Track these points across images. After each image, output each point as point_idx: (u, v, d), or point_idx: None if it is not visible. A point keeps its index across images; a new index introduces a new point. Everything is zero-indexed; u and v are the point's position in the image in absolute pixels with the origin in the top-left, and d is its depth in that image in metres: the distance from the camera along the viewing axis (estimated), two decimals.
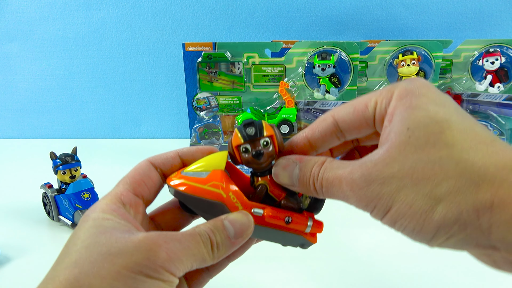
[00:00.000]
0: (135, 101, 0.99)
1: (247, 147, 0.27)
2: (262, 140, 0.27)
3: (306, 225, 0.27)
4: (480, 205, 0.19)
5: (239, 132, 0.27)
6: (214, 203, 0.26)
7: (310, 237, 0.28)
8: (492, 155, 0.20)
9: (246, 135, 0.27)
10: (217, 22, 0.91)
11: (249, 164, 0.28)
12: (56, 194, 0.56)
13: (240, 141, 0.27)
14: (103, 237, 0.22)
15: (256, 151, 0.27)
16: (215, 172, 0.27)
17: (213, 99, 0.72)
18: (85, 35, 0.94)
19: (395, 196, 0.21)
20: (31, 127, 1.03)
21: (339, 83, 0.68)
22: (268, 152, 0.27)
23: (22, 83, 0.99)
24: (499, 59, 0.71)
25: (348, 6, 0.88)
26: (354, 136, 0.27)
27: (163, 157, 0.29)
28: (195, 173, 0.27)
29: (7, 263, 0.48)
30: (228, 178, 0.27)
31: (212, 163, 0.28)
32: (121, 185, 0.27)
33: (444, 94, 0.24)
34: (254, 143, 0.27)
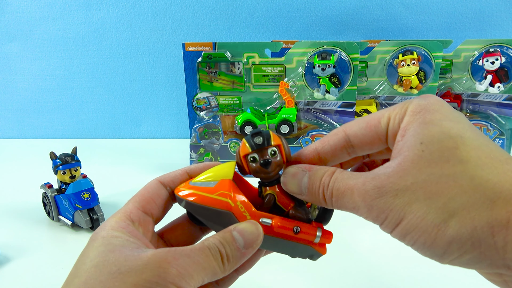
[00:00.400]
0: (135, 101, 0.99)
1: (254, 157, 0.27)
2: (269, 150, 0.27)
3: (315, 235, 0.27)
4: (495, 222, 0.19)
5: (247, 142, 0.27)
6: (222, 212, 0.26)
7: (319, 248, 0.28)
8: (507, 173, 0.20)
9: (254, 144, 0.27)
10: (217, 22, 0.91)
11: (257, 173, 0.28)
12: (56, 194, 0.56)
13: (248, 150, 0.27)
14: (112, 255, 0.22)
15: (264, 160, 0.27)
16: (223, 181, 0.27)
17: (213, 99, 0.72)
18: (85, 35, 0.94)
19: (407, 209, 0.21)
20: (31, 127, 1.03)
21: (339, 83, 0.68)
22: (275, 162, 0.27)
23: (22, 83, 0.99)
24: (499, 59, 0.71)
25: (348, 6, 0.88)
26: (366, 151, 0.26)
27: (172, 175, 0.29)
28: (203, 183, 0.27)
29: (7, 263, 0.48)
30: (236, 188, 0.27)
31: (220, 173, 0.28)
32: (130, 203, 0.27)
33: (457, 111, 0.23)
34: (261, 152, 0.27)
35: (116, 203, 0.64)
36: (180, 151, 0.85)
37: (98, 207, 0.56)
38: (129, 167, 0.80)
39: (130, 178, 0.75)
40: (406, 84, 0.71)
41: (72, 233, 0.55)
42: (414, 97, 0.24)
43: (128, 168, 0.79)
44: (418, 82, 0.71)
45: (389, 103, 0.75)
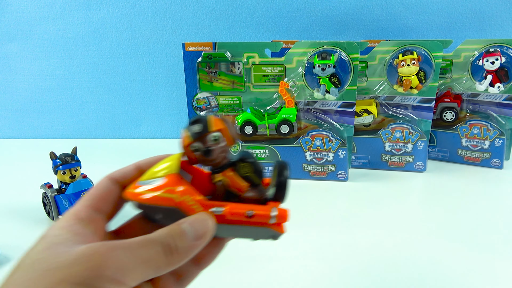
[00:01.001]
0: (135, 101, 0.99)
1: (196, 146, 0.26)
2: (210, 136, 0.26)
3: (269, 216, 0.26)
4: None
5: (187, 131, 0.27)
6: (170, 209, 0.25)
7: (277, 227, 0.27)
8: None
9: (192, 133, 0.26)
10: (217, 22, 0.91)
11: (203, 162, 0.27)
12: (56, 194, 0.56)
13: (189, 140, 0.26)
14: (47, 253, 0.22)
15: (205, 149, 0.26)
16: (169, 176, 0.26)
17: (213, 99, 0.72)
18: (85, 35, 0.94)
19: None
20: (31, 127, 1.03)
21: (339, 83, 0.68)
22: (219, 147, 0.26)
23: (22, 83, 0.99)
24: (499, 59, 0.71)
25: (348, 6, 0.88)
26: None
27: (122, 171, 0.28)
28: (150, 181, 0.26)
29: (7, 263, 0.48)
30: (183, 181, 0.26)
31: (166, 168, 0.27)
32: (79, 203, 0.26)
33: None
34: (203, 140, 0.26)
35: None
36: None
37: None
38: None
39: None
40: (406, 84, 0.71)
41: None
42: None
43: None
44: (418, 82, 0.71)
45: (389, 103, 0.75)
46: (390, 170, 0.77)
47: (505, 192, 0.68)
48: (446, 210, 0.61)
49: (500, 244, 0.51)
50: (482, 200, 0.64)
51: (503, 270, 0.46)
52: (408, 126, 0.73)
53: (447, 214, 0.60)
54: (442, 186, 0.70)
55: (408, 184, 0.72)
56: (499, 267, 0.46)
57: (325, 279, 0.45)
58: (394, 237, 0.53)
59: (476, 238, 0.53)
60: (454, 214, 0.60)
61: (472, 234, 0.54)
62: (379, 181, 0.72)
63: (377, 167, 0.77)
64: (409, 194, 0.69)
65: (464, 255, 0.49)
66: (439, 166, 0.78)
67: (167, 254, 0.23)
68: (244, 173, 0.27)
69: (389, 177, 0.74)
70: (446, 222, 0.57)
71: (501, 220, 0.58)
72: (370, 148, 0.76)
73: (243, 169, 0.27)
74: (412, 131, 0.73)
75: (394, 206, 0.63)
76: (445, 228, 0.56)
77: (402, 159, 0.75)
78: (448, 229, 0.55)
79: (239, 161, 0.27)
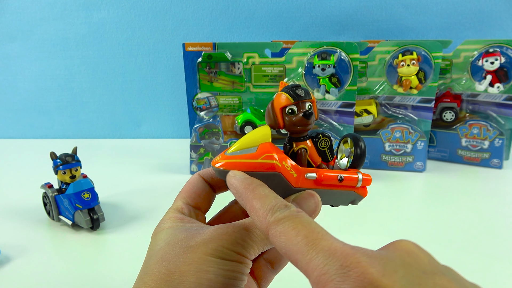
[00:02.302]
0: (135, 101, 0.99)
1: (293, 108, 0.28)
2: (307, 103, 0.28)
3: (357, 179, 0.28)
4: None
5: (288, 93, 0.28)
6: (271, 175, 0.26)
7: (361, 191, 0.29)
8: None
9: (296, 96, 0.28)
10: (217, 22, 0.91)
11: (293, 127, 0.28)
12: (56, 194, 0.56)
13: (290, 101, 0.27)
14: (181, 235, 0.26)
15: (306, 111, 0.27)
16: (264, 145, 0.27)
17: (213, 99, 0.72)
18: (85, 35, 0.94)
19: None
20: (31, 127, 1.03)
21: (339, 83, 0.68)
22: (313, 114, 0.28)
23: (23, 83, 0.99)
24: (499, 59, 0.71)
25: (348, 6, 0.88)
26: None
27: (209, 170, 0.31)
28: (243, 151, 0.27)
29: (7, 263, 0.49)
30: (278, 149, 0.27)
31: (257, 138, 0.27)
32: (179, 200, 0.30)
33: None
34: (301, 104, 0.28)
35: (116, 203, 0.64)
36: (180, 151, 0.85)
37: (99, 207, 0.56)
38: (129, 167, 0.80)
39: (130, 178, 0.75)
40: (406, 84, 0.71)
41: (73, 233, 0.55)
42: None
43: (128, 168, 0.79)
44: (418, 82, 0.71)
45: (389, 103, 0.75)
46: (389, 170, 0.77)
47: (505, 192, 0.68)
48: (445, 210, 0.61)
49: (500, 243, 0.52)
50: (482, 200, 0.64)
51: (502, 269, 0.46)
52: (408, 126, 0.73)
53: (447, 214, 0.60)
54: (441, 186, 0.70)
55: (407, 184, 0.72)
56: (499, 267, 0.47)
57: None
58: (394, 237, 0.53)
59: (476, 238, 0.53)
60: (454, 214, 0.60)
61: (471, 234, 0.54)
62: (379, 181, 0.72)
63: (377, 167, 0.77)
64: (409, 194, 0.70)
65: (464, 254, 0.49)
66: (439, 166, 0.78)
67: None
68: (321, 147, 0.29)
69: (389, 177, 0.74)
70: (445, 222, 0.57)
71: (500, 220, 0.58)
72: (370, 148, 0.76)
73: (322, 143, 0.29)
74: (411, 131, 0.73)
75: (394, 206, 0.63)
76: (445, 228, 0.56)
77: (402, 159, 0.76)
78: (448, 229, 0.55)
79: (318, 135, 0.29)
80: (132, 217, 0.59)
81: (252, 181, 0.25)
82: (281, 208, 0.23)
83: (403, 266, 0.19)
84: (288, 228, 0.21)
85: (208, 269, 0.24)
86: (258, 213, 0.23)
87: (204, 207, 0.30)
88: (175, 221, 0.27)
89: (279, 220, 0.22)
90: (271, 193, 0.24)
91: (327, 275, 0.19)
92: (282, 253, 0.22)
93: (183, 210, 0.29)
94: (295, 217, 0.22)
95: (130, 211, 0.62)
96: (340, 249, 0.20)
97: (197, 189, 0.30)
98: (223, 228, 0.26)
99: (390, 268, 0.19)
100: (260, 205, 0.23)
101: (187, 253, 0.24)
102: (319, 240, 0.20)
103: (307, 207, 0.26)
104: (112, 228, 0.57)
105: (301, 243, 0.20)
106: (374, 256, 0.19)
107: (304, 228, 0.21)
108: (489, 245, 0.51)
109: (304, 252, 0.20)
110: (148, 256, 0.26)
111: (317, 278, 0.19)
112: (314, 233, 0.21)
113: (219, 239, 0.25)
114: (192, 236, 0.25)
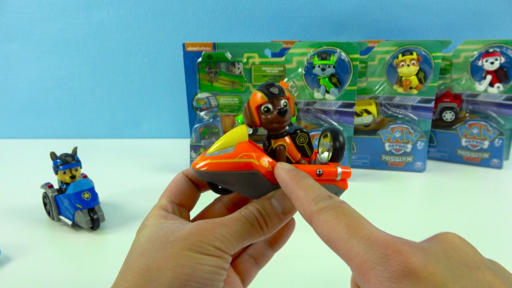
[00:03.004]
0: (135, 101, 0.99)
1: (268, 107, 0.28)
2: (282, 101, 0.28)
3: (336, 173, 0.28)
4: None
5: (262, 92, 0.28)
6: (249, 173, 0.27)
7: (341, 184, 0.29)
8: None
9: (270, 94, 0.28)
10: (217, 22, 0.91)
11: (269, 124, 0.28)
12: (56, 194, 0.56)
13: (264, 99, 0.28)
14: (162, 231, 0.26)
15: (281, 109, 0.28)
16: (241, 144, 0.27)
17: (213, 99, 0.72)
18: (85, 35, 0.94)
19: None
20: (31, 127, 1.03)
21: (339, 83, 0.68)
22: (288, 111, 0.28)
23: (23, 83, 0.99)
24: (499, 59, 0.71)
25: (348, 6, 0.88)
26: None
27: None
28: (221, 151, 0.28)
29: (7, 263, 0.49)
30: (255, 147, 0.28)
31: (234, 137, 0.28)
32: (163, 198, 0.30)
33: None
34: (276, 102, 0.28)
35: (116, 203, 0.64)
36: (180, 151, 0.86)
37: (99, 207, 0.56)
38: (129, 167, 0.80)
39: (130, 178, 0.75)
40: (406, 84, 0.71)
41: (73, 233, 0.55)
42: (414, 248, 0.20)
43: (128, 168, 0.79)
44: (418, 82, 0.71)
45: (389, 103, 0.75)
46: (389, 170, 0.77)
47: (505, 192, 0.68)
48: (445, 210, 0.61)
49: (500, 243, 0.52)
50: (482, 200, 0.64)
51: None
52: (408, 126, 0.73)
53: (447, 214, 0.60)
54: (441, 186, 0.70)
55: (407, 184, 0.72)
56: None
57: (324, 279, 0.45)
58: None
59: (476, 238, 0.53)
60: (454, 214, 0.60)
61: (471, 234, 0.54)
62: (379, 181, 0.72)
63: (377, 167, 0.77)
64: (409, 194, 0.70)
65: None
66: (439, 166, 0.78)
67: (258, 228, 0.27)
68: (300, 142, 0.29)
69: (389, 177, 0.74)
70: (445, 222, 0.57)
71: (500, 220, 0.58)
72: (370, 148, 0.76)
73: (300, 138, 0.29)
74: (411, 131, 0.73)
75: (394, 206, 0.63)
76: (445, 228, 0.56)
77: (402, 159, 0.76)
78: (448, 229, 0.55)
79: (296, 131, 0.29)
80: (132, 217, 0.59)
81: (298, 172, 0.26)
82: (324, 198, 0.23)
83: (445, 258, 0.19)
84: (331, 217, 0.22)
85: (185, 264, 0.24)
86: (302, 203, 0.24)
87: (188, 204, 0.31)
88: (158, 218, 0.28)
89: (322, 209, 0.22)
90: (315, 184, 0.25)
91: (368, 263, 0.19)
92: (324, 240, 0.22)
93: (167, 207, 0.29)
94: (337, 206, 0.22)
95: (130, 211, 0.62)
96: (381, 238, 0.20)
97: (181, 187, 0.30)
98: (203, 223, 0.26)
99: (432, 259, 0.19)
100: (304, 195, 0.24)
101: (166, 249, 0.25)
102: (360, 228, 0.21)
103: (286, 203, 0.27)
104: (112, 228, 0.57)
105: (343, 231, 0.21)
106: (416, 246, 0.19)
107: (346, 217, 0.22)
108: (489, 245, 0.51)
109: (345, 240, 0.20)
110: (130, 253, 0.26)
111: (358, 266, 0.19)
112: (355, 222, 0.21)
113: (198, 234, 0.25)
114: (172, 232, 0.26)
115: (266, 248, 0.31)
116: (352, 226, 0.21)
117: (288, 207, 0.27)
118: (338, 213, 0.22)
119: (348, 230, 0.21)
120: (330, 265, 0.47)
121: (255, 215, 0.27)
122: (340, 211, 0.22)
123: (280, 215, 0.27)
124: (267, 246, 0.31)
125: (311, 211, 0.23)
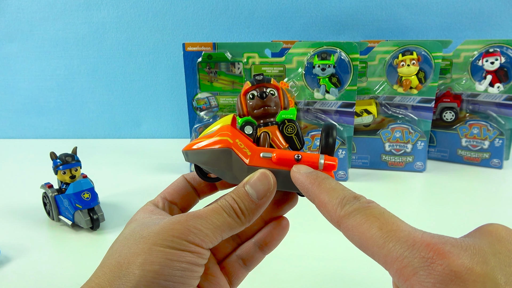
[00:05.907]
0: (135, 101, 0.99)
1: (253, 93, 0.29)
2: (268, 89, 0.29)
3: (317, 160, 0.26)
4: None
5: (249, 81, 0.29)
6: (223, 151, 0.27)
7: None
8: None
9: (254, 81, 0.29)
10: (217, 22, 0.91)
11: (253, 111, 0.29)
12: (56, 194, 0.56)
13: (248, 85, 0.29)
14: (138, 228, 0.26)
15: (261, 92, 0.28)
16: (222, 126, 0.28)
17: (213, 99, 0.72)
18: (85, 35, 0.94)
19: None
20: (31, 127, 1.03)
21: (339, 83, 0.68)
22: (272, 98, 0.29)
23: (22, 83, 0.99)
24: (499, 59, 0.71)
25: (348, 6, 0.88)
26: None
27: (194, 173, 0.32)
28: (205, 134, 0.29)
29: (7, 263, 0.49)
30: (235, 129, 0.28)
31: (218, 122, 0.29)
32: (158, 195, 0.31)
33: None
34: (259, 89, 0.29)
35: (116, 203, 0.64)
36: (180, 151, 0.85)
37: (98, 207, 0.56)
38: (129, 167, 0.80)
39: (130, 178, 0.75)
40: (406, 84, 0.71)
41: (72, 233, 0.55)
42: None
43: (128, 168, 0.79)
44: (418, 82, 0.71)
45: (389, 103, 0.75)
46: (390, 170, 0.77)
47: (505, 192, 0.68)
48: (445, 210, 0.61)
49: None
50: (482, 200, 0.64)
51: None
52: (408, 126, 0.73)
53: (447, 214, 0.60)
54: (441, 186, 0.70)
55: (408, 184, 0.72)
56: None
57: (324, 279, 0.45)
58: None
59: None
60: (454, 214, 0.60)
61: None
62: (379, 181, 0.72)
63: (377, 167, 0.77)
64: (409, 194, 0.70)
65: None
66: (439, 166, 0.78)
67: (235, 217, 0.25)
68: (288, 133, 0.29)
69: (389, 177, 0.74)
70: (445, 222, 0.57)
71: (500, 220, 0.58)
72: (370, 148, 0.76)
73: (288, 128, 0.29)
74: (412, 131, 0.73)
75: (394, 206, 0.63)
76: (445, 228, 0.56)
77: (402, 159, 0.76)
78: (448, 229, 0.55)
79: (284, 120, 0.29)
80: None
81: (317, 174, 0.24)
82: (350, 201, 0.22)
83: (493, 255, 0.18)
84: (360, 221, 0.20)
85: (154, 260, 0.23)
86: (327, 208, 0.22)
87: (182, 204, 0.31)
88: (145, 213, 0.28)
89: (350, 214, 0.21)
90: (338, 185, 0.23)
91: (409, 267, 0.18)
92: (357, 246, 0.20)
93: (158, 203, 0.29)
94: (366, 208, 0.21)
95: (130, 211, 0.62)
96: (419, 239, 0.18)
97: (177, 187, 0.31)
98: (177, 217, 0.25)
99: (479, 258, 0.17)
100: (328, 199, 0.22)
101: (138, 244, 0.24)
102: (394, 231, 0.19)
103: (259, 187, 0.26)
104: (112, 228, 0.57)
105: (376, 236, 0.19)
106: (459, 245, 0.18)
107: (377, 219, 0.20)
108: None
109: (380, 245, 0.19)
110: (108, 249, 0.26)
111: (399, 271, 0.18)
112: (388, 224, 0.20)
113: (170, 229, 0.24)
114: (147, 227, 0.25)
115: (256, 250, 0.30)
116: (385, 229, 0.19)
117: (262, 191, 0.26)
118: (368, 216, 0.20)
119: (382, 233, 0.19)
120: (325, 266, 0.47)
121: (230, 204, 0.25)
122: (370, 213, 0.20)
123: (256, 200, 0.26)
124: (257, 248, 0.30)
125: (338, 216, 0.21)
